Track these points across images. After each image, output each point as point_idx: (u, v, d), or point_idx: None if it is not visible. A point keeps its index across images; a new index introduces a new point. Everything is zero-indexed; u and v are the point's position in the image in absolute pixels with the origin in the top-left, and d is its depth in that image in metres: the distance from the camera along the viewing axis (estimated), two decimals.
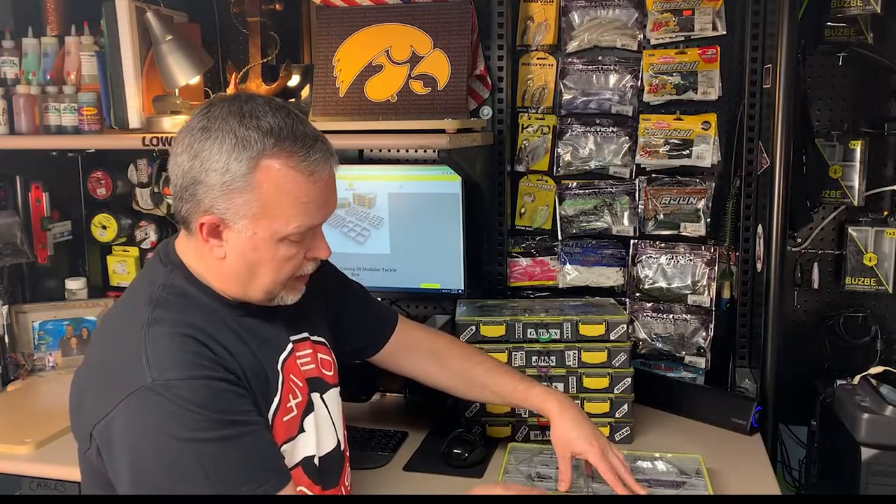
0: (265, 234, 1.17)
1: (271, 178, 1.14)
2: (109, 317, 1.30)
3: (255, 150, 1.13)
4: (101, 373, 1.17)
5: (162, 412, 1.07)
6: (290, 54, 2.24)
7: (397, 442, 1.80)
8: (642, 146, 2.12)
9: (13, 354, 2.23)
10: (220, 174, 1.13)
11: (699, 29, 2.07)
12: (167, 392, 1.07)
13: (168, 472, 1.07)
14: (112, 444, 1.10)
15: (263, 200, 1.14)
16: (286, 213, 1.16)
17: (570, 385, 1.78)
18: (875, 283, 2.04)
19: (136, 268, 2.51)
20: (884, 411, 1.64)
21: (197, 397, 1.08)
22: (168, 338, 1.13)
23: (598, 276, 2.22)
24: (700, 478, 1.54)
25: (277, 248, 1.19)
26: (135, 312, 1.18)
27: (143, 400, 1.08)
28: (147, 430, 1.08)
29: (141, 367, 1.09)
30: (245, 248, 1.18)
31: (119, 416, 1.09)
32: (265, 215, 1.15)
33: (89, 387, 1.18)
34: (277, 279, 1.22)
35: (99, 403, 1.12)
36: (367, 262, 2.16)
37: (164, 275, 1.22)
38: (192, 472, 1.07)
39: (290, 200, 1.16)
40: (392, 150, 2.27)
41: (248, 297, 1.24)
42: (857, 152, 2.01)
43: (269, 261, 1.20)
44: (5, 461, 1.75)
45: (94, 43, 2.14)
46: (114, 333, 1.22)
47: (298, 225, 1.18)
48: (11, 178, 2.34)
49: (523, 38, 2.21)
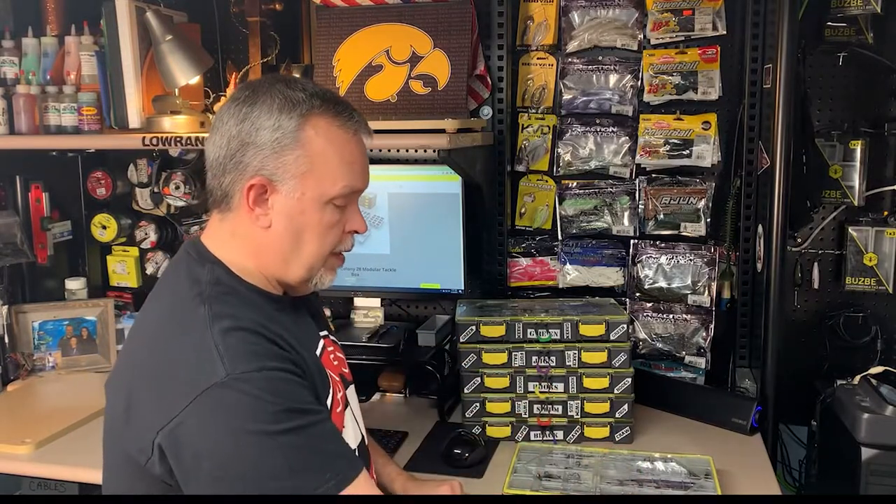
0: (313, 195, 1.19)
1: (320, 134, 1.18)
2: (150, 319, 1.23)
3: (305, 108, 1.18)
4: (158, 376, 1.12)
5: (238, 408, 1.06)
6: (290, 54, 2.24)
7: (397, 442, 1.80)
8: (642, 146, 2.12)
9: (13, 354, 2.23)
10: (271, 131, 1.16)
11: (699, 29, 2.07)
12: (243, 385, 1.06)
13: (252, 467, 1.05)
14: (182, 449, 1.07)
15: (312, 157, 1.18)
16: (333, 171, 1.19)
17: (570, 385, 1.78)
18: (875, 283, 2.04)
19: (135, 268, 2.51)
20: (884, 411, 1.64)
21: (271, 388, 1.08)
22: (235, 333, 1.11)
23: (598, 276, 2.22)
24: (709, 479, 1.54)
25: (323, 211, 1.20)
26: (189, 312, 1.15)
27: (218, 397, 1.06)
28: (225, 428, 1.06)
29: (213, 364, 1.07)
30: (292, 211, 1.19)
31: (189, 418, 1.05)
32: (313, 174, 1.18)
33: (144, 393, 1.12)
34: (322, 250, 1.23)
35: (162, 408, 1.08)
36: (367, 262, 2.16)
37: (206, 272, 1.20)
38: (276, 465, 1.06)
39: (337, 158, 1.20)
40: (392, 150, 2.27)
41: (287, 276, 1.23)
42: (857, 152, 2.01)
43: (316, 225, 1.21)
44: (5, 461, 1.75)
45: (94, 43, 2.14)
46: (168, 335, 1.16)
47: (345, 185, 1.20)
48: (11, 178, 2.34)
49: (523, 38, 2.21)
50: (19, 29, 2.22)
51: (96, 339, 2.34)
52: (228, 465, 1.06)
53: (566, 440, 1.79)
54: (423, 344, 2.07)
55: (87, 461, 1.69)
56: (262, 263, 1.22)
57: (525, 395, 1.80)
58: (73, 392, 2.15)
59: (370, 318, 2.22)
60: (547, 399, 1.79)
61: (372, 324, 2.21)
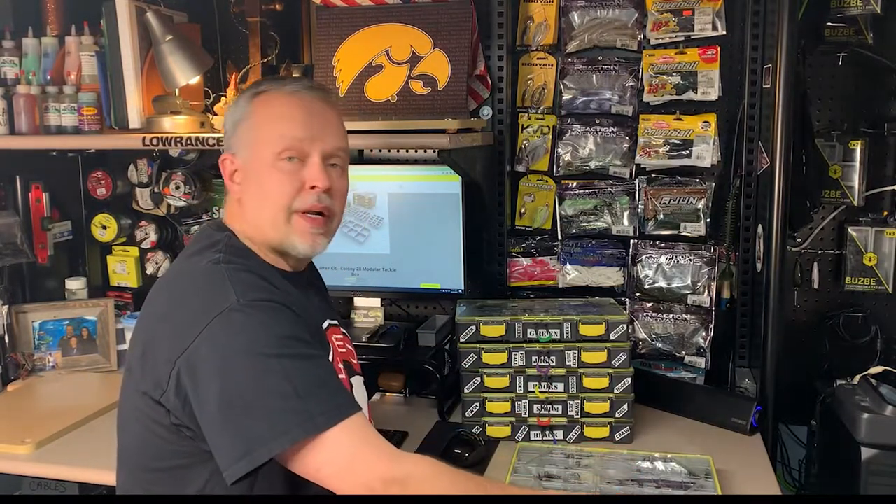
0: (261, 155, 1.31)
1: (263, 104, 1.34)
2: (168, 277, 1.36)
3: (259, 88, 1.37)
4: (175, 313, 1.22)
5: (247, 330, 1.14)
6: (290, 54, 2.24)
7: (397, 442, 1.80)
8: (642, 146, 2.12)
9: (13, 354, 2.23)
10: (232, 113, 1.37)
11: (699, 29, 2.07)
12: (252, 309, 1.15)
13: (258, 387, 1.10)
14: (198, 371, 1.13)
15: (256, 124, 1.33)
16: (274, 129, 1.32)
17: (570, 385, 1.78)
18: (875, 283, 2.04)
19: (136, 268, 2.51)
20: (884, 411, 1.64)
21: (279, 317, 1.18)
22: (246, 273, 1.23)
23: (598, 276, 2.22)
24: (709, 479, 1.54)
25: (274, 167, 1.31)
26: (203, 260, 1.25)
27: (229, 319, 1.14)
28: (235, 350, 1.12)
29: (227, 290, 1.17)
30: (251, 178, 1.33)
31: (204, 342, 1.13)
32: (259, 138, 1.32)
33: (161, 331, 1.21)
34: (278, 203, 1.31)
35: (180, 337, 1.16)
36: (367, 262, 2.16)
37: (223, 238, 1.32)
38: (281, 387, 1.10)
39: (275, 117, 1.33)
40: (392, 150, 2.27)
41: (266, 239, 1.33)
42: (857, 152, 2.01)
43: (268, 183, 1.31)
44: (5, 461, 1.75)
45: (94, 43, 2.14)
46: (182, 280, 1.29)
47: (282, 136, 1.31)
48: (11, 178, 2.34)
49: (523, 38, 2.21)
50: (19, 29, 2.22)
51: (96, 339, 2.34)
52: (237, 386, 1.11)
53: (566, 440, 1.79)
54: (423, 344, 2.07)
55: (87, 461, 1.69)
56: (252, 233, 1.34)
57: (525, 394, 1.80)
58: (73, 392, 2.15)
59: (370, 318, 2.22)
60: (547, 399, 1.79)
61: (372, 324, 2.21)
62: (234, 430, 1.10)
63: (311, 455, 1.10)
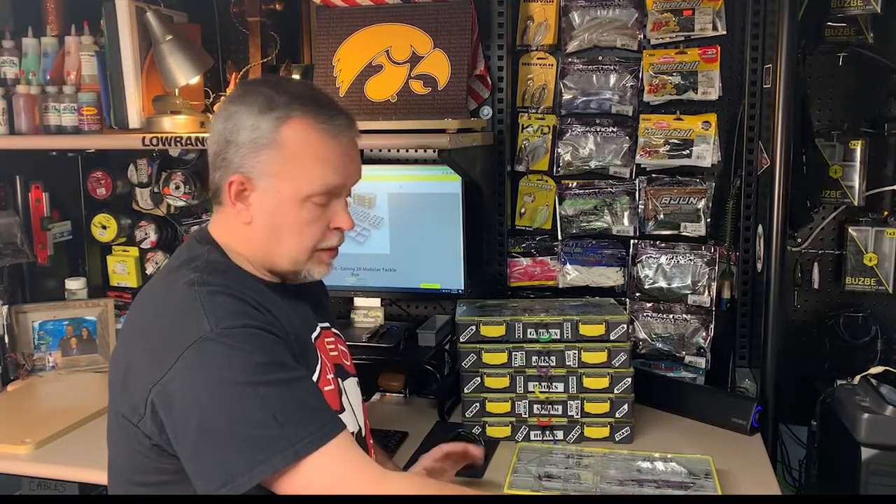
0: (289, 194, 1.22)
1: (296, 136, 1.22)
2: (148, 291, 1.30)
3: (283, 111, 1.21)
4: (150, 336, 1.18)
5: (222, 359, 1.10)
6: (290, 54, 2.24)
7: (397, 442, 1.80)
8: (642, 146, 2.12)
9: (13, 354, 2.23)
10: (250, 131, 1.21)
11: (699, 29, 2.07)
12: (226, 338, 1.11)
13: (234, 417, 1.08)
14: (173, 403, 1.10)
15: (288, 157, 1.21)
16: (309, 171, 1.23)
17: (570, 385, 1.78)
18: (875, 283, 2.04)
19: (136, 268, 2.51)
20: (884, 411, 1.64)
21: (253, 343, 1.12)
22: (220, 296, 1.17)
23: (598, 276, 2.22)
24: (709, 479, 1.54)
25: (301, 209, 1.24)
26: (180, 279, 1.20)
27: (203, 350, 1.10)
28: (210, 381, 1.09)
29: (199, 319, 1.12)
30: (270, 209, 1.24)
31: (179, 373, 1.10)
32: (289, 173, 1.22)
33: (138, 354, 1.18)
34: (302, 244, 1.26)
35: (154, 365, 1.12)
36: (367, 262, 2.16)
37: (203, 252, 1.26)
38: (258, 415, 1.08)
39: (312, 158, 1.23)
40: (392, 150, 2.27)
41: (275, 266, 1.28)
42: (857, 152, 2.01)
43: (294, 223, 1.24)
44: (5, 461, 1.75)
45: (94, 43, 2.14)
46: (159, 300, 1.23)
47: (320, 183, 1.23)
48: (11, 178, 2.34)
49: (523, 38, 2.21)
50: (19, 29, 2.21)
51: (96, 339, 2.34)
52: (215, 417, 1.08)
53: (566, 440, 1.79)
54: (423, 344, 2.08)
55: (87, 461, 1.69)
56: (250, 253, 1.28)
57: (525, 395, 1.80)
58: (73, 392, 2.15)
59: (370, 318, 2.22)
60: (547, 399, 1.79)
61: (372, 324, 2.21)
62: (212, 462, 1.08)
63: (293, 480, 1.09)
